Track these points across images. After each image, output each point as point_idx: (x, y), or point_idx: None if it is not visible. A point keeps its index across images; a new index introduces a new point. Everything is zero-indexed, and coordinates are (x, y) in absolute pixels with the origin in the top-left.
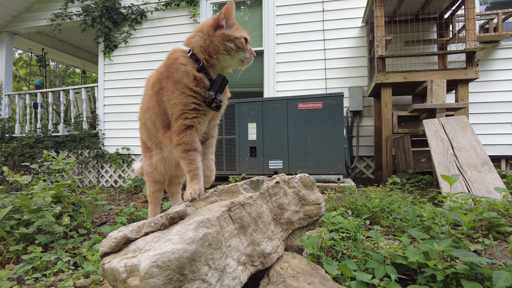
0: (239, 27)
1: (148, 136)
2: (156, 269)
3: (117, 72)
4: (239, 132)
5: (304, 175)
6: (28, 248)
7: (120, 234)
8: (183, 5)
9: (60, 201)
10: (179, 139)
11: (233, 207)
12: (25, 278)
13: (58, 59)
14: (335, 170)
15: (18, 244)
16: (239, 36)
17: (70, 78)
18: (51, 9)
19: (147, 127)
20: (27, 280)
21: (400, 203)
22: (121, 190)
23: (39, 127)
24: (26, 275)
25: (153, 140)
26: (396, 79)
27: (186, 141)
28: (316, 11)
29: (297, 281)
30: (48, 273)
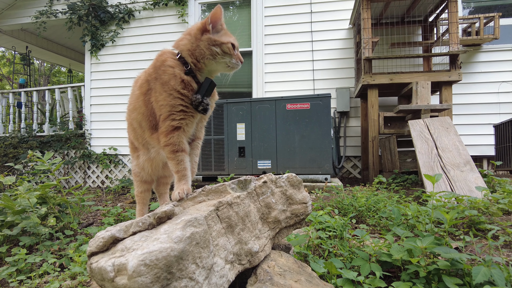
0: (227, 32)
1: (135, 136)
2: (144, 268)
3: (104, 72)
4: (227, 132)
5: (291, 174)
6: (12, 250)
7: (108, 233)
8: (172, 5)
9: (46, 202)
10: (167, 140)
11: (221, 206)
12: (9, 280)
13: (43, 57)
14: (323, 170)
15: (2, 246)
16: (226, 41)
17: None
18: (35, 6)
19: (133, 127)
20: (11, 283)
21: (385, 202)
22: (108, 190)
23: (23, 127)
24: (10, 278)
25: (139, 140)
26: (382, 81)
27: (174, 142)
28: (304, 13)
29: (284, 279)
30: (33, 275)
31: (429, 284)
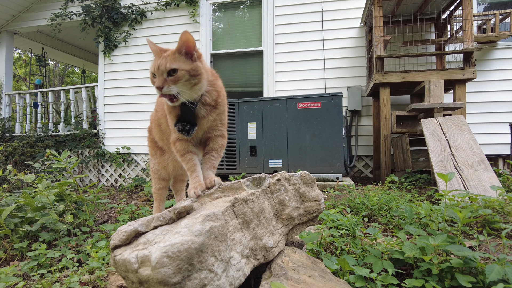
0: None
1: (161, 137)
2: (167, 259)
3: (117, 72)
4: (239, 131)
5: (304, 172)
6: (32, 245)
7: (130, 227)
8: (183, 5)
9: (63, 199)
10: (175, 147)
11: (237, 202)
12: (30, 274)
13: (57, 58)
14: (334, 169)
15: (23, 242)
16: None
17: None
18: (51, 9)
19: (161, 128)
20: (33, 276)
21: (398, 201)
22: (122, 189)
23: (39, 126)
24: (31, 272)
25: (164, 142)
26: (394, 79)
27: (180, 149)
28: (315, 11)
29: (297, 274)
30: (53, 269)
31: (441, 282)
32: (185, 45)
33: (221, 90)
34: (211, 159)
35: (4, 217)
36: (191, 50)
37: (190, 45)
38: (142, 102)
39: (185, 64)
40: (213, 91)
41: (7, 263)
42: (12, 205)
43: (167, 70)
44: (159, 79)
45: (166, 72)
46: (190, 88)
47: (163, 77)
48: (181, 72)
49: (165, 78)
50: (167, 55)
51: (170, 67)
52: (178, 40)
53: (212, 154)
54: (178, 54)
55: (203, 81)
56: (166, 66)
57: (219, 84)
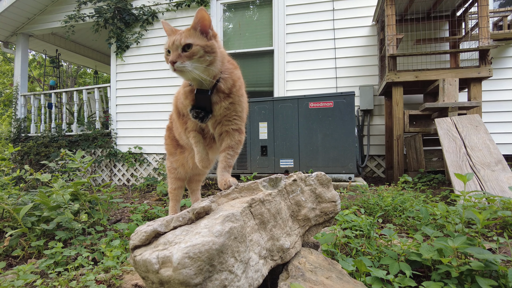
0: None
1: (180, 135)
2: (188, 260)
3: (129, 73)
4: (250, 131)
5: (320, 173)
6: (49, 243)
7: (150, 228)
8: (194, 6)
9: (78, 198)
10: (190, 136)
11: (254, 203)
12: (48, 272)
13: (71, 59)
14: (346, 169)
15: (39, 240)
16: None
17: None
18: (64, 11)
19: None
20: (50, 274)
21: (412, 202)
22: (134, 188)
23: (53, 126)
24: (48, 269)
25: (185, 140)
26: (407, 78)
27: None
28: (326, 10)
29: (315, 275)
30: (70, 267)
31: (461, 285)
32: (201, 23)
33: (237, 80)
34: (227, 158)
35: (22, 215)
36: (206, 28)
37: (206, 23)
38: (154, 102)
39: (200, 40)
40: (229, 79)
41: (24, 260)
42: (29, 204)
43: (182, 45)
44: (173, 54)
45: (181, 47)
46: (205, 67)
47: (177, 52)
48: (196, 48)
49: (179, 53)
50: (182, 31)
51: (184, 42)
52: (194, 17)
53: (229, 152)
54: (194, 31)
55: (217, 61)
56: (181, 41)
57: (237, 73)
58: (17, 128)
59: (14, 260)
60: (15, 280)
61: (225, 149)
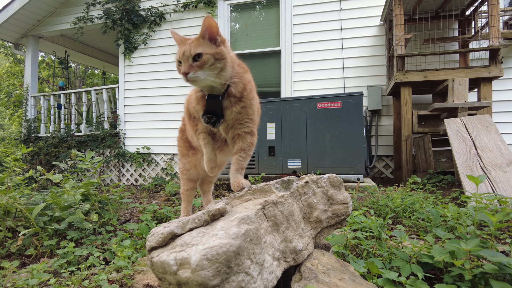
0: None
1: (192, 137)
2: (206, 262)
3: (137, 73)
4: (258, 131)
5: (332, 175)
6: (61, 243)
7: (167, 229)
8: (201, 7)
9: (88, 199)
10: (200, 138)
11: (267, 205)
12: (60, 271)
13: (79, 61)
14: (355, 169)
15: (51, 240)
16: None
17: (89, 79)
18: (73, 13)
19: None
20: (63, 273)
21: (422, 203)
22: (143, 188)
23: (62, 127)
24: (61, 269)
25: (196, 142)
26: (415, 78)
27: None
28: (334, 10)
29: (328, 277)
30: (82, 267)
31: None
32: (208, 30)
33: (248, 83)
34: (239, 160)
35: (35, 215)
36: (214, 35)
37: (213, 30)
38: (162, 102)
39: (209, 49)
40: (240, 83)
41: (37, 259)
42: (41, 204)
43: (192, 56)
44: (184, 65)
45: (192, 57)
46: (216, 74)
47: (189, 62)
48: (206, 56)
49: (190, 64)
50: (191, 41)
51: (195, 52)
52: (201, 26)
53: (241, 155)
54: (202, 39)
55: (228, 67)
56: (191, 51)
57: (247, 77)
58: (28, 128)
59: (27, 259)
60: (30, 279)
61: (237, 152)
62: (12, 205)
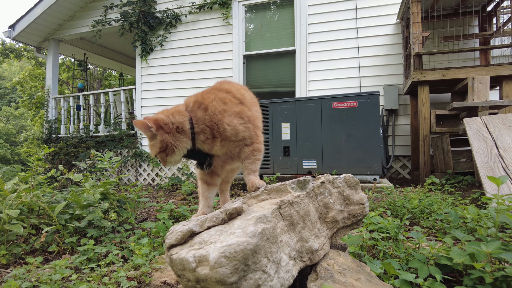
0: None
1: None
2: (224, 259)
3: (153, 75)
4: (272, 132)
5: (348, 175)
6: (81, 240)
7: (185, 227)
8: (216, 8)
9: (107, 197)
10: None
11: (283, 205)
12: (81, 267)
13: (97, 63)
14: (371, 170)
15: (72, 237)
16: None
17: (107, 81)
18: (92, 17)
19: None
20: (83, 270)
21: (440, 204)
22: (159, 188)
23: (81, 127)
24: (81, 265)
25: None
26: (433, 77)
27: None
28: (349, 9)
29: (344, 277)
30: (102, 264)
31: None
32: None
33: (217, 123)
34: (247, 166)
35: (56, 213)
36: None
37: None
38: (178, 103)
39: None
40: (206, 128)
41: (59, 256)
42: (62, 202)
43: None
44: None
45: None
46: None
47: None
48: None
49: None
50: None
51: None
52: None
53: (247, 161)
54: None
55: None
56: None
57: (213, 116)
58: (49, 129)
59: (50, 255)
60: (53, 274)
61: (243, 160)
62: (35, 203)
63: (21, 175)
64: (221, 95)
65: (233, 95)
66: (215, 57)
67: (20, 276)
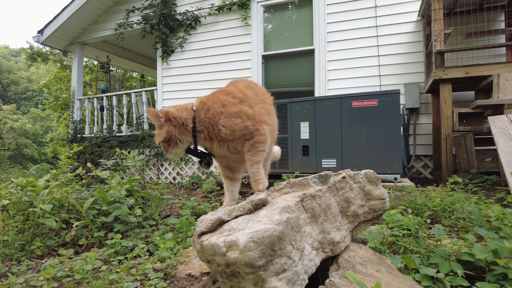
0: None
1: None
2: (253, 244)
3: (174, 76)
4: (291, 131)
5: (369, 171)
6: (108, 235)
7: (215, 216)
8: (235, 9)
9: (132, 194)
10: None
11: (305, 198)
12: (109, 260)
13: (120, 65)
14: (392, 169)
15: (100, 231)
16: None
17: (128, 82)
18: (114, 20)
19: None
20: (112, 262)
21: (463, 203)
22: (181, 186)
23: (105, 128)
24: (109, 258)
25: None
26: (456, 74)
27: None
28: (369, 7)
29: (365, 268)
30: (129, 256)
31: None
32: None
33: (214, 125)
34: (249, 158)
35: (85, 208)
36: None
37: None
38: None
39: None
40: (205, 129)
41: (88, 249)
42: (90, 198)
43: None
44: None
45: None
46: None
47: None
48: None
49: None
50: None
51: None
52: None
53: (248, 154)
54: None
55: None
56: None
57: (211, 118)
58: (74, 129)
59: (79, 248)
60: (84, 265)
61: (246, 153)
62: (65, 199)
63: (52, 172)
64: (221, 97)
65: (233, 95)
66: (233, 58)
67: (55, 266)
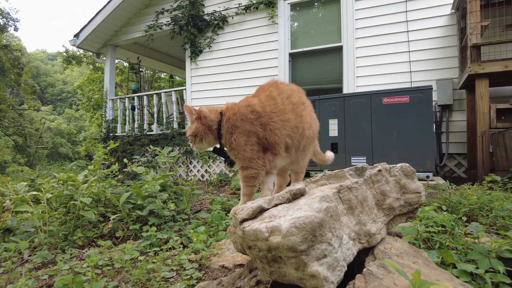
0: None
1: None
2: (295, 229)
3: (202, 76)
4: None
5: (405, 164)
6: (143, 228)
7: (255, 204)
8: (262, 8)
9: (165, 189)
10: None
11: (342, 189)
12: (145, 251)
13: (149, 65)
14: (424, 167)
15: (135, 224)
16: None
17: (156, 83)
18: (144, 22)
19: None
20: (148, 253)
21: (503, 202)
22: (209, 183)
23: (136, 127)
24: (145, 249)
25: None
26: (494, 69)
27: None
28: (398, 2)
29: (402, 259)
30: (164, 248)
31: None
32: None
33: (229, 136)
34: (240, 183)
35: (122, 202)
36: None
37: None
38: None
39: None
40: (225, 134)
41: (124, 241)
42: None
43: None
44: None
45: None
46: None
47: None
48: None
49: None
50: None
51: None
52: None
53: (240, 182)
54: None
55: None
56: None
57: (229, 128)
58: (107, 128)
59: (116, 240)
60: (123, 255)
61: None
62: (102, 193)
63: (90, 168)
64: (243, 110)
65: (252, 108)
66: (260, 57)
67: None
